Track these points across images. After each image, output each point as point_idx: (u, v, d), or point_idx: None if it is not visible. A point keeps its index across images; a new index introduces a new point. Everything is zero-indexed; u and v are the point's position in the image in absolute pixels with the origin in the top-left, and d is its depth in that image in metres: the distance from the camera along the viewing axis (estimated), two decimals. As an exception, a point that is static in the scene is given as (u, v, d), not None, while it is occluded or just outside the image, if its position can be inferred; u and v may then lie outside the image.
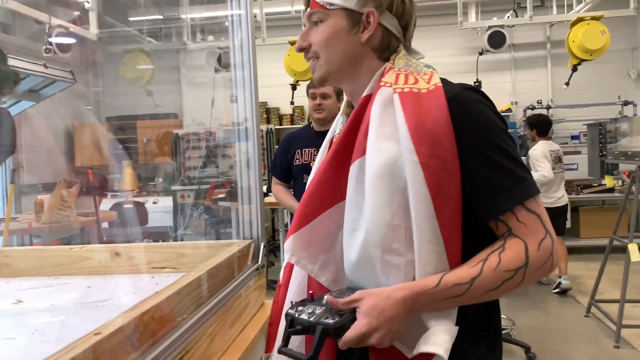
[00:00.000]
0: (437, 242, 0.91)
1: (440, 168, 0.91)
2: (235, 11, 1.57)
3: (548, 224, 0.93)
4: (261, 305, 1.53)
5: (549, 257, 0.91)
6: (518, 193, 0.92)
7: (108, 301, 1.31)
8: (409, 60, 1.05)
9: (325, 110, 2.71)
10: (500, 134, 0.95)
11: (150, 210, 6.05)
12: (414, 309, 0.91)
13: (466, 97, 0.96)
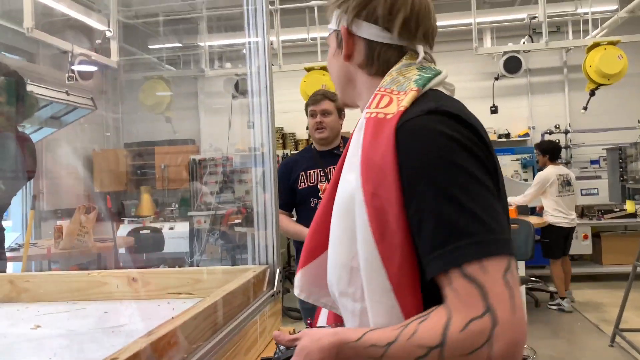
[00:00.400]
0: (385, 293, 0.79)
1: (383, 210, 0.79)
2: (252, 39, 1.59)
3: (496, 298, 0.69)
4: (277, 332, 1.51)
5: (484, 344, 0.68)
6: (453, 252, 0.72)
7: (125, 326, 1.31)
8: (399, 75, 0.90)
9: (327, 128, 2.52)
10: (450, 173, 0.75)
11: (166, 235, 6.08)
12: (339, 359, 0.80)
13: (416, 124, 0.80)
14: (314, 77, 5.79)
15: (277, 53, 6.19)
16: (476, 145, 0.79)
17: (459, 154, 0.77)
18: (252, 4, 1.59)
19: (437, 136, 0.78)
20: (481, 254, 0.71)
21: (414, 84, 0.87)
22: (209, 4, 6.52)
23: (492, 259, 0.71)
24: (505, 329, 0.68)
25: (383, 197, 0.79)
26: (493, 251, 0.72)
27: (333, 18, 0.99)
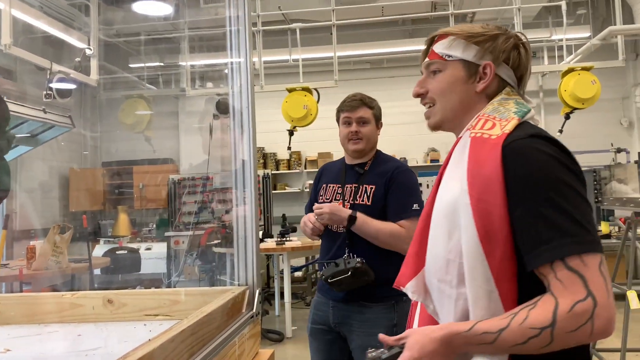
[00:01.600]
0: (487, 281, 0.94)
1: (488, 212, 0.94)
2: (235, 59, 1.60)
3: (595, 285, 0.87)
4: (255, 354, 1.49)
5: (587, 321, 0.86)
6: (557, 248, 0.89)
7: (99, 350, 1.27)
8: (500, 106, 1.08)
9: (364, 139, 2.15)
10: (554, 185, 0.92)
11: (143, 256, 5.98)
12: (451, 348, 0.95)
13: (523, 144, 0.96)
14: (296, 98, 5.82)
15: (259, 73, 6.22)
16: (571, 163, 0.96)
17: (559, 169, 0.94)
18: (235, 25, 1.60)
19: (540, 155, 0.95)
20: (581, 250, 0.88)
21: (513, 114, 1.05)
22: (191, 24, 6.54)
23: (590, 255, 0.88)
24: (603, 309, 0.86)
25: (488, 202, 0.94)
26: (591, 249, 0.89)
27: (465, 50, 1.12)
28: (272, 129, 7.01)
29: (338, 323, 2.11)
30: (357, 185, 2.14)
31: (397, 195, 2.10)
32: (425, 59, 1.20)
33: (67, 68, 4.78)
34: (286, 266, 5.26)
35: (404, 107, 7.90)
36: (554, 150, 0.96)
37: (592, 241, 0.90)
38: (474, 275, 0.95)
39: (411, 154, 8.07)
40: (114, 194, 7.58)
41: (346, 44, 7.24)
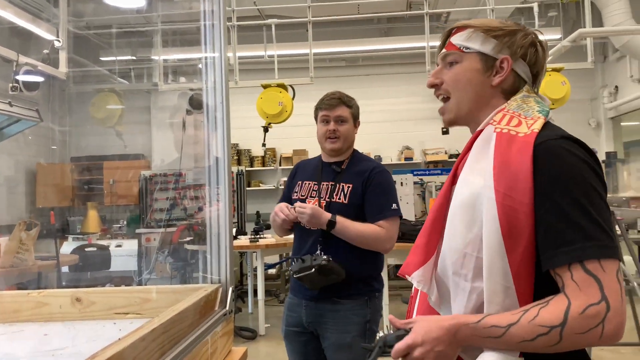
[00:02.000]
0: (505, 277, 0.95)
1: (513, 208, 0.95)
2: (209, 54, 1.58)
3: (610, 291, 0.87)
4: (228, 352, 1.47)
5: (598, 325, 0.86)
6: (578, 250, 0.90)
7: (66, 349, 1.24)
8: (523, 103, 1.09)
9: (342, 137, 2.16)
10: (583, 188, 0.93)
11: (113, 253, 5.88)
12: (457, 338, 0.95)
13: (555, 145, 0.97)
14: (271, 94, 5.79)
15: (233, 69, 6.17)
16: (599, 168, 0.97)
17: (589, 173, 0.95)
18: (209, 20, 1.58)
19: (572, 157, 0.95)
20: (601, 255, 0.89)
21: (537, 113, 1.05)
22: (165, 17, 6.44)
23: (609, 260, 0.89)
24: (616, 314, 0.86)
25: (515, 199, 0.94)
26: (611, 254, 0.90)
27: (484, 43, 1.12)
28: (247, 125, 6.96)
29: (311, 322, 2.13)
30: (334, 184, 2.15)
31: (376, 196, 2.12)
32: (442, 50, 1.19)
33: (35, 60, 4.65)
34: (260, 263, 5.24)
35: (379, 105, 7.96)
36: (583, 154, 0.97)
37: (613, 247, 0.91)
38: (493, 271, 0.95)
39: (386, 152, 8.11)
40: (83, 189, 7.42)
41: (322, 41, 7.23)
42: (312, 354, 2.17)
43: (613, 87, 7.75)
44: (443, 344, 0.95)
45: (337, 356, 2.08)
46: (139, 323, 1.08)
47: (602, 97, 7.95)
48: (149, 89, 7.69)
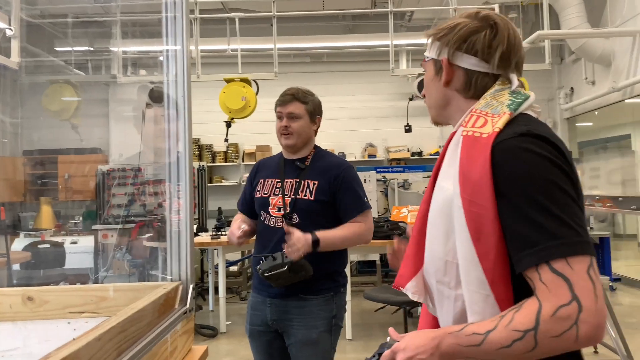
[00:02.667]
0: (481, 285, 0.93)
1: (479, 214, 0.93)
2: (170, 47, 1.54)
3: (581, 289, 0.84)
4: (188, 350, 1.44)
5: (572, 327, 0.83)
6: (543, 250, 0.87)
7: (17, 350, 1.19)
8: (493, 99, 1.05)
9: (294, 134, 2.16)
10: (541, 186, 0.90)
11: (68, 250, 5.70)
12: (441, 348, 0.93)
13: (511, 144, 0.93)
14: (234, 89, 5.72)
15: (195, 62, 6.06)
16: (562, 162, 0.92)
17: (548, 169, 0.91)
18: (171, 11, 1.54)
19: (528, 154, 0.91)
20: (568, 253, 0.86)
21: (506, 108, 1.01)
22: (125, 8, 6.27)
23: (577, 257, 0.86)
24: (590, 314, 0.83)
25: (479, 204, 0.93)
26: (578, 251, 0.86)
27: (433, 48, 1.15)
28: (209, 120, 6.87)
29: (276, 320, 2.11)
30: (299, 180, 2.14)
31: (349, 195, 2.14)
32: None
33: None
34: (221, 261, 5.18)
35: (343, 102, 7.99)
36: (544, 149, 0.93)
37: (581, 243, 0.87)
38: (469, 280, 0.95)
39: (349, 148, 8.15)
40: (36, 184, 7.16)
41: (286, 36, 7.19)
42: (276, 352, 2.16)
43: (569, 88, 8.02)
44: (425, 352, 0.93)
45: (302, 353, 2.07)
46: (95, 322, 1.04)
47: (558, 98, 8.22)
48: (107, 81, 7.48)
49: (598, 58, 6.75)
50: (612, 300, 4.52)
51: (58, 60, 6.38)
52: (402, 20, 8.00)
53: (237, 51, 6.16)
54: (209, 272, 6.32)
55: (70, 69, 6.53)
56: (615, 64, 6.49)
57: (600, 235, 6.76)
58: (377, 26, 7.77)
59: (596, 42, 6.61)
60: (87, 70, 7.21)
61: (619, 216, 9.62)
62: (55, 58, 6.36)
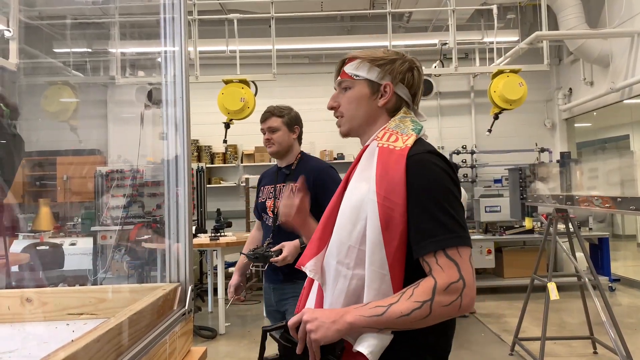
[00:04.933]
0: (382, 266, 1.16)
1: (390, 208, 1.16)
2: (169, 48, 1.54)
3: (465, 271, 1.12)
4: (187, 352, 1.44)
5: (457, 298, 1.11)
6: (442, 241, 1.13)
7: (16, 352, 1.19)
8: (400, 122, 1.32)
9: (276, 143, 2.56)
10: (443, 192, 1.17)
11: (67, 252, 5.70)
12: (346, 317, 1.14)
13: (423, 158, 1.20)
14: (232, 90, 5.72)
15: (194, 63, 6.06)
16: (454, 175, 1.22)
17: (447, 181, 1.19)
18: (169, 13, 1.54)
19: (435, 167, 1.19)
20: (458, 243, 1.13)
21: (411, 130, 1.29)
22: (123, 9, 6.26)
23: (464, 248, 1.14)
24: (470, 290, 1.12)
25: (392, 201, 1.16)
26: (465, 243, 1.14)
27: (371, 71, 1.35)
28: (208, 121, 6.86)
29: (277, 302, 2.51)
30: (285, 184, 2.48)
31: (329, 193, 2.26)
32: (337, 77, 1.41)
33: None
34: (220, 262, 5.17)
35: (341, 103, 7.99)
36: (444, 165, 1.21)
37: (467, 237, 1.16)
38: (373, 260, 1.16)
39: (348, 150, 8.15)
40: (34, 185, 7.15)
41: (285, 37, 7.20)
42: None
43: (567, 89, 8.03)
44: (328, 319, 1.15)
45: None
46: (93, 324, 1.04)
47: (557, 98, 8.23)
48: (106, 82, 7.47)
49: (596, 59, 6.76)
50: (612, 301, 4.52)
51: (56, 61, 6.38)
52: (401, 21, 8.01)
53: (235, 52, 6.16)
54: (208, 273, 6.31)
55: (68, 71, 6.52)
56: (613, 65, 6.50)
57: (599, 236, 6.78)
58: (376, 27, 7.78)
59: (594, 43, 6.62)
60: (86, 71, 7.20)
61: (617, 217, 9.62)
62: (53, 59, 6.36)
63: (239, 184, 8.10)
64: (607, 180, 4.13)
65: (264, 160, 8.08)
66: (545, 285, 3.92)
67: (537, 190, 4.40)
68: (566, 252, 4.13)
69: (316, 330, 1.14)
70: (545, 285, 3.91)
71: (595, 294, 3.77)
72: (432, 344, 1.23)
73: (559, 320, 5.29)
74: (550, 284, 3.88)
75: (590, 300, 3.92)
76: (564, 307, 5.64)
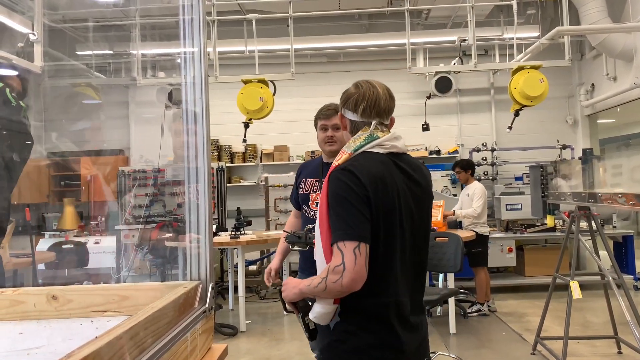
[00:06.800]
0: (321, 250, 1.58)
1: (322, 211, 1.59)
2: (188, 49, 1.56)
3: (347, 258, 1.46)
4: (208, 349, 1.46)
5: (339, 278, 1.47)
6: (336, 235, 1.51)
7: (42, 348, 1.22)
8: (352, 142, 1.67)
9: (338, 142, 2.62)
10: (338, 199, 1.53)
11: (91, 250, 5.80)
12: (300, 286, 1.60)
13: (334, 174, 1.59)
14: (251, 89, 5.76)
15: (213, 64, 6.11)
16: (356, 186, 1.53)
17: (345, 190, 1.54)
18: (188, 14, 1.56)
19: (337, 181, 1.56)
20: (344, 238, 1.49)
21: (348, 149, 1.66)
22: (143, 11, 6.35)
23: (348, 241, 1.48)
24: (348, 272, 1.46)
25: (322, 204, 1.59)
26: (350, 238, 1.49)
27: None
28: (227, 121, 6.91)
29: None
30: None
31: None
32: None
33: (9, 54, 4.54)
34: (240, 260, 5.21)
35: (360, 102, 7.97)
36: (346, 177, 1.54)
37: (352, 233, 1.49)
38: (319, 246, 1.59)
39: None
40: (59, 185, 7.30)
41: (303, 36, 7.21)
42: None
43: (589, 84, 7.89)
44: (294, 286, 1.63)
45: None
46: (116, 321, 1.06)
47: (579, 94, 8.08)
48: (127, 83, 7.58)
49: (619, 53, 6.62)
50: (636, 301, 4.43)
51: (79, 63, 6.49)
52: (419, 18, 7.95)
53: (254, 52, 6.19)
54: (229, 271, 6.37)
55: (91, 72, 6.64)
56: (637, 59, 6.35)
57: (623, 234, 6.65)
58: (394, 25, 7.74)
59: (617, 37, 6.49)
60: (108, 73, 7.32)
61: (643, 214, 9.41)
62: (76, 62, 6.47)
63: (259, 182, 8.14)
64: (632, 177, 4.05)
65: (283, 159, 8.11)
66: (567, 284, 3.86)
67: (558, 188, 4.34)
68: (589, 250, 4.07)
69: (284, 292, 1.66)
70: (568, 283, 3.85)
71: (619, 293, 3.71)
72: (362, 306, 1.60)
73: (582, 320, 5.21)
74: (573, 283, 3.83)
75: (614, 300, 3.85)
76: (587, 306, 5.55)
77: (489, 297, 5.65)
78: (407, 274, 1.63)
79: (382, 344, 1.57)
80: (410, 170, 1.67)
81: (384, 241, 1.55)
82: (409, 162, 1.70)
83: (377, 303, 1.57)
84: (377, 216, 1.52)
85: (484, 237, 5.57)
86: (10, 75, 2.65)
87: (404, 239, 1.60)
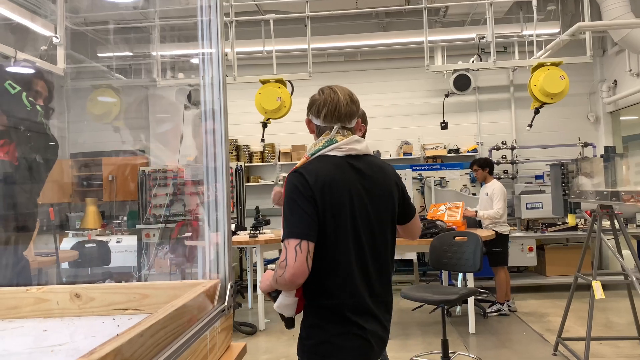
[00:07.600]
0: None
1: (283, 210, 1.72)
2: (206, 50, 1.57)
3: (289, 255, 1.59)
4: (227, 347, 1.47)
5: (283, 273, 1.59)
6: (284, 233, 1.63)
7: (65, 345, 1.24)
8: (313, 146, 1.80)
9: None
10: (287, 200, 1.66)
11: (113, 249, 5.89)
12: (269, 279, 1.71)
13: (288, 176, 1.72)
14: (269, 90, 5.78)
15: (231, 64, 6.15)
16: (303, 187, 1.66)
17: (294, 192, 1.66)
18: (206, 15, 1.57)
19: (289, 183, 1.69)
20: (289, 236, 1.62)
21: (310, 154, 1.78)
22: (162, 13, 6.41)
23: (292, 239, 1.61)
24: (290, 268, 1.58)
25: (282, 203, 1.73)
26: (293, 236, 1.61)
27: None
28: (245, 121, 6.96)
29: None
30: None
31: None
32: None
33: (33, 56, 4.64)
34: (259, 259, 5.24)
35: (378, 100, 7.95)
36: (297, 180, 1.67)
37: (294, 232, 1.61)
38: None
39: (384, 147, 8.11)
40: (82, 185, 7.41)
41: (320, 36, 7.21)
42: None
43: (612, 81, 7.74)
44: (265, 279, 1.74)
45: None
46: (137, 319, 1.08)
47: (600, 91, 7.94)
48: (147, 84, 7.67)
49: (643, 49, 6.49)
50: (661, 300, 4.34)
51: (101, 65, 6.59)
52: (437, 16, 7.90)
53: (272, 52, 6.22)
54: (248, 270, 6.40)
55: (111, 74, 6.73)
56: (662, 55, 6.23)
57: (647, 233, 6.52)
58: (411, 23, 7.70)
59: (641, 32, 6.36)
60: (128, 74, 7.42)
61: (668, 212, 9.20)
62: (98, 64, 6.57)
63: (277, 182, 8.18)
64: (656, 175, 3.98)
65: (301, 159, 8.12)
66: (589, 284, 3.80)
67: (580, 186, 4.28)
68: (612, 249, 4.00)
69: (260, 284, 1.81)
70: (590, 283, 3.79)
71: (642, 293, 3.64)
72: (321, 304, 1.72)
73: (604, 320, 5.13)
74: (595, 283, 3.77)
75: (638, 300, 3.79)
76: (610, 306, 5.46)
77: (509, 296, 5.59)
78: (366, 268, 1.72)
79: (345, 332, 1.68)
80: (368, 170, 1.76)
81: (333, 236, 1.66)
82: (369, 162, 1.79)
83: (334, 300, 1.69)
84: (323, 214, 1.64)
85: (504, 237, 5.52)
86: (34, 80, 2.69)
87: (357, 234, 1.70)
